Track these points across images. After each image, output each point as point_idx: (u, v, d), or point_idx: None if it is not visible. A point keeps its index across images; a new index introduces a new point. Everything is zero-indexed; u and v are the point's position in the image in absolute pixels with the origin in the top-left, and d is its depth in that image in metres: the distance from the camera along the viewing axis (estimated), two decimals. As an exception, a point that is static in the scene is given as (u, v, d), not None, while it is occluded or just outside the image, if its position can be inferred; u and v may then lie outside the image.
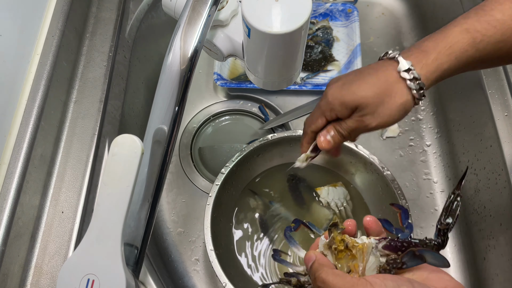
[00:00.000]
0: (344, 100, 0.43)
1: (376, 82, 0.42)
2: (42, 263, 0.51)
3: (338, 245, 0.38)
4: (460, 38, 0.40)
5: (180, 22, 0.39)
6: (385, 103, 0.42)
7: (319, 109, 0.46)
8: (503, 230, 0.59)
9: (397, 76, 0.41)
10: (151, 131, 0.41)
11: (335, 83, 0.45)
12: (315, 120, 0.47)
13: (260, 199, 0.68)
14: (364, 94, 0.42)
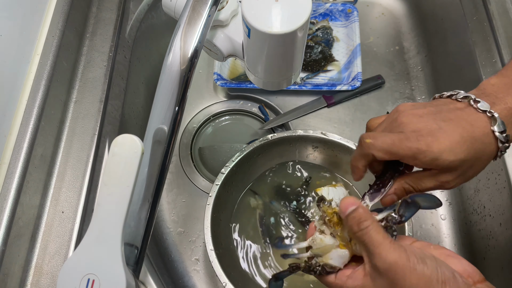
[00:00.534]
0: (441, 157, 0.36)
1: (473, 141, 0.36)
2: (42, 263, 0.51)
3: (330, 217, 0.38)
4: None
5: (180, 22, 0.39)
6: (474, 166, 0.37)
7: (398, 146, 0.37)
8: (503, 230, 0.59)
9: (492, 137, 0.36)
10: (151, 131, 0.41)
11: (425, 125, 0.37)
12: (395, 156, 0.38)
13: (261, 198, 0.68)
14: (463, 156, 0.36)
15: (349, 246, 0.38)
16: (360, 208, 0.36)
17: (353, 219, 0.36)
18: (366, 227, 0.35)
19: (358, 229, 0.35)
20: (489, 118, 0.37)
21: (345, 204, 0.36)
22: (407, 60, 0.85)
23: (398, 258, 0.33)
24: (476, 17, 0.70)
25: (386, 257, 0.33)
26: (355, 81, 0.78)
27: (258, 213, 0.67)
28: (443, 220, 0.71)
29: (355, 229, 0.35)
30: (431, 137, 0.36)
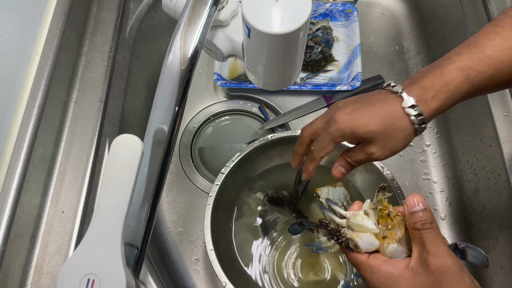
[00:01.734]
0: (355, 130, 0.45)
1: (384, 117, 0.44)
2: (42, 263, 0.51)
3: (383, 209, 0.41)
4: (455, 76, 0.43)
5: (180, 22, 0.39)
6: (391, 138, 0.44)
7: (328, 136, 0.47)
8: (502, 230, 0.59)
9: (402, 112, 0.43)
10: (151, 131, 0.41)
11: (343, 109, 0.46)
12: (326, 146, 0.48)
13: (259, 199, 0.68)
14: (374, 129, 0.44)
15: (382, 241, 0.40)
16: (429, 211, 0.38)
17: (418, 217, 0.38)
18: (430, 228, 0.37)
19: (421, 227, 0.37)
20: (399, 97, 0.44)
21: (413, 201, 0.39)
22: (407, 60, 0.85)
23: (453, 264, 0.36)
24: (476, 17, 0.70)
25: (443, 258, 0.36)
26: (355, 81, 0.78)
27: (258, 213, 0.67)
28: (443, 220, 0.71)
29: (418, 227, 0.38)
30: (348, 116, 0.45)
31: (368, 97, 0.47)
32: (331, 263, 0.63)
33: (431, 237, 0.37)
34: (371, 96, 0.47)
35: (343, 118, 0.45)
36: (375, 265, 0.39)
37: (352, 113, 0.45)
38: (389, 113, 0.44)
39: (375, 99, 0.46)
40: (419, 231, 0.37)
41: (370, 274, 0.39)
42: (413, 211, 0.38)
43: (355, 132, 0.44)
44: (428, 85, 0.43)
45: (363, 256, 0.41)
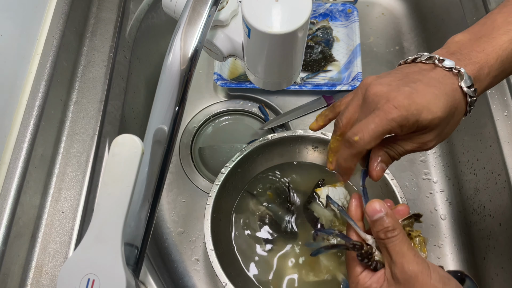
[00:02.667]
0: (420, 118, 0.35)
1: (446, 98, 0.36)
2: (42, 263, 0.51)
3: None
4: (509, 50, 0.37)
5: (180, 22, 0.39)
6: (450, 123, 0.37)
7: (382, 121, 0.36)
8: (502, 230, 0.59)
9: (461, 92, 0.37)
10: (151, 131, 0.41)
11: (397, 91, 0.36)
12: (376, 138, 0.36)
13: (259, 199, 0.68)
14: (441, 114, 0.36)
15: None
16: (388, 217, 0.35)
17: (380, 226, 0.35)
18: (393, 236, 0.35)
19: (384, 236, 0.35)
20: (455, 74, 0.37)
21: (372, 209, 0.36)
22: (407, 60, 0.85)
23: (419, 272, 0.33)
24: (476, 17, 0.70)
25: (407, 268, 0.34)
26: (355, 81, 0.78)
27: (258, 213, 0.67)
28: (443, 220, 0.71)
29: (382, 236, 0.35)
30: (408, 100, 0.35)
31: (416, 74, 0.38)
32: (331, 263, 0.63)
33: (395, 246, 0.35)
34: (420, 73, 0.38)
35: (402, 103, 0.35)
36: (362, 282, 0.37)
37: (411, 96, 0.36)
38: (451, 94, 0.36)
39: (430, 78, 0.37)
40: (383, 240, 0.35)
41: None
42: (374, 219, 0.36)
43: (421, 120, 0.35)
44: (481, 60, 0.37)
45: (358, 270, 0.38)
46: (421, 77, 0.37)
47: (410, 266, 0.34)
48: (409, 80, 0.37)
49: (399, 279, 0.34)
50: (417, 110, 0.35)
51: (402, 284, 0.34)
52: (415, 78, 0.37)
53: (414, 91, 0.36)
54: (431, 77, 0.37)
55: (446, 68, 0.37)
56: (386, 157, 0.39)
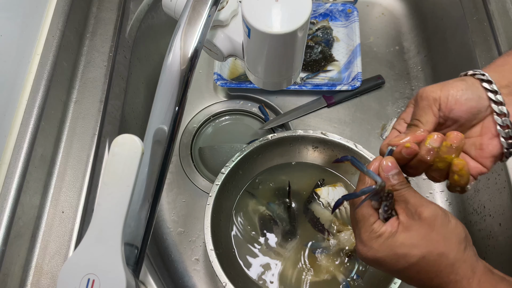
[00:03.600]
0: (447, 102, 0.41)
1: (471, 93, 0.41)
2: (42, 263, 0.51)
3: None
4: None
5: (180, 22, 0.39)
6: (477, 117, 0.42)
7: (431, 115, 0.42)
8: (502, 230, 0.59)
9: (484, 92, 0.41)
10: (151, 131, 0.41)
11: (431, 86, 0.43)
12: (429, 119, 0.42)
13: (259, 199, 0.68)
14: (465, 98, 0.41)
15: None
16: (401, 172, 0.41)
17: (397, 179, 0.40)
18: (408, 186, 0.40)
19: (401, 187, 0.40)
20: (480, 80, 0.41)
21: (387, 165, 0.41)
22: (407, 60, 0.85)
23: (439, 209, 0.38)
24: (476, 17, 0.70)
25: (429, 206, 0.38)
26: (355, 81, 0.78)
27: (258, 213, 0.67)
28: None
29: (398, 187, 0.40)
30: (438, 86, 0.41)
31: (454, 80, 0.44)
32: (331, 264, 0.63)
33: (411, 192, 0.39)
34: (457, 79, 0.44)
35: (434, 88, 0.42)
36: (377, 229, 0.40)
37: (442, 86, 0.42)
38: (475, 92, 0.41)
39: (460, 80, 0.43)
40: (399, 190, 0.40)
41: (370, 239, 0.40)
42: (390, 174, 0.40)
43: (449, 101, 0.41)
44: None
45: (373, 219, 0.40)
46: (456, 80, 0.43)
47: (430, 204, 0.39)
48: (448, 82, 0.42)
49: (422, 215, 0.38)
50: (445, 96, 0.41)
51: (424, 219, 0.38)
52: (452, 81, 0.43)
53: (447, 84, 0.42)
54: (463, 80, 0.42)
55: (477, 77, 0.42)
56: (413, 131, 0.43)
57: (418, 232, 0.38)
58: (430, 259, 0.37)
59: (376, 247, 0.39)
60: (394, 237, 0.38)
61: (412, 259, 0.37)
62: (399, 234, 0.38)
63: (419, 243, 0.37)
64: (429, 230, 0.37)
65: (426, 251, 0.37)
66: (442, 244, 0.37)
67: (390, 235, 0.39)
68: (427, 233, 0.37)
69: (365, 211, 0.41)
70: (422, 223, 0.38)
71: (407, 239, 0.38)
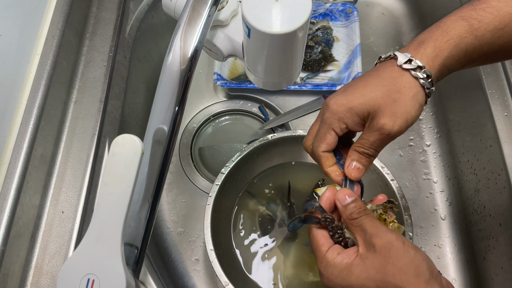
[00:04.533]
0: (352, 105, 0.39)
1: (380, 81, 0.39)
2: (42, 263, 0.51)
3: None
4: (457, 25, 0.39)
5: (180, 22, 0.39)
6: (397, 100, 0.38)
7: (324, 124, 0.41)
8: (502, 230, 0.59)
9: (399, 70, 0.39)
10: (151, 131, 0.41)
11: (334, 93, 0.42)
12: (323, 138, 0.41)
13: (259, 199, 0.68)
14: (373, 94, 0.39)
15: None
16: (359, 200, 0.40)
17: (354, 208, 0.39)
18: (366, 214, 0.39)
19: (358, 215, 0.39)
20: (392, 59, 0.40)
21: (343, 196, 0.40)
22: (407, 60, 0.85)
23: (395, 239, 0.37)
24: (476, 17, 0.70)
25: (384, 235, 0.37)
26: (355, 81, 0.78)
27: (258, 213, 0.67)
28: (443, 220, 0.71)
29: (355, 216, 0.39)
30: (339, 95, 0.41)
31: (363, 75, 0.42)
32: (331, 263, 0.63)
33: (369, 221, 0.38)
34: (366, 73, 0.42)
35: (335, 99, 0.40)
36: (330, 259, 0.39)
37: (344, 91, 0.41)
38: (386, 76, 0.39)
39: (370, 71, 0.41)
40: (357, 219, 0.38)
41: (325, 268, 0.39)
42: (345, 204, 0.40)
43: (353, 107, 0.39)
44: (425, 38, 0.39)
45: (324, 248, 0.40)
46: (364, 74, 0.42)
47: (386, 234, 0.37)
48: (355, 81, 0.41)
49: (375, 246, 0.36)
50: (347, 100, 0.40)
51: (379, 251, 0.36)
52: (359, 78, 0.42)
53: (348, 87, 0.41)
54: (371, 70, 0.41)
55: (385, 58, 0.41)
56: (357, 155, 0.42)
57: (373, 264, 0.36)
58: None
59: (331, 278, 0.38)
60: (349, 269, 0.37)
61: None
62: (355, 267, 0.37)
63: (374, 276, 0.36)
64: (384, 262, 0.36)
65: (382, 283, 0.36)
66: (398, 278, 0.35)
67: (346, 266, 0.37)
68: (382, 265, 0.36)
69: (317, 241, 0.41)
70: (377, 255, 0.36)
71: (363, 272, 0.36)
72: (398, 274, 0.35)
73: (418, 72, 0.39)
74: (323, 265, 0.39)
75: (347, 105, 0.40)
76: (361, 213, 0.39)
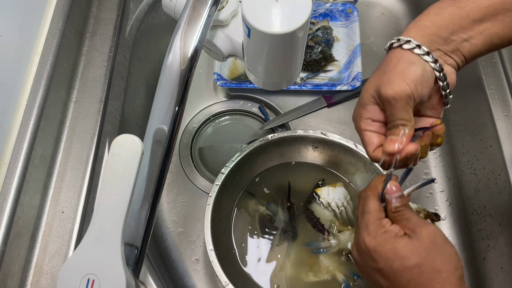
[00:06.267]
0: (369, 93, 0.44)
1: (382, 64, 0.43)
2: (42, 263, 0.51)
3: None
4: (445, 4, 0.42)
5: (180, 22, 0.39)
6: (390, 71, 0.41)
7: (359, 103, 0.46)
8: (503, 230, 0.59)
9: (400, 50, 0.42)
10: (151, 131, 0.41)
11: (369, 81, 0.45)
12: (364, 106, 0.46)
13: (259, 199, 0.68)
14: (374, 76, 0.43)
15: None
16: (403, 195, 0.43)
17: (400, 201, 0.43)
18: (409, 208, 0.43)
19: (404, 208, 0.42)
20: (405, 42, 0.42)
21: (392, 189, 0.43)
22: (407, 60, 0.85)
23: (439, 231, 0.40)
24: (476, 17, 0.70)
25: (429, 226, 0.40)
26: (355, 81, 0.78)
27: (258, 213, 0.67)
28: (443, 220, 0.71)
29: (401, 208, 0.42)
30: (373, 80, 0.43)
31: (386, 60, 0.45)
32: (331, 264, 0.63)
33: (412, 213, 0.42)
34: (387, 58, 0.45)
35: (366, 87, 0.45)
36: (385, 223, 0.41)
37: (370, 77, 0.45)
38: (387, 59, 0.43)
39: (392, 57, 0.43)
40: (402, 211, 0.42)
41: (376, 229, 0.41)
42: (394, 196, 0.43)
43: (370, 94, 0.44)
44: (419, 19, 0.42)
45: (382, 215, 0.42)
46: (386, 60, 0.43)
47: (430, 225, 0.41)
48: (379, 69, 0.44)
49: (421, 234, 0.39)
50: (365, 88, 0.44)
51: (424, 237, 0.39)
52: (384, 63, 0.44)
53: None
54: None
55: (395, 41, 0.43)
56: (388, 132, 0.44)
57: (421, 243, 0.39)
58: (424, 270, 0.38)
59: (380, 240, 0.40)
60: (398, 238, 0.40)
61: (408, 263, 0.38)
62: (403, 238, 0.40)
63: (419, 252, 0.39)
64: (430, 246, 0.39)
65: (424, 261, 0.38)
66: (439, 263, 0.38)
67: (396, 236, 0.40)
68: (428, 247, 0.39)
69: (377, 205, 0.43)
70: (424, 239, 0.39)
71: (409, 244, 0.39)
72: (440, 260, 0.38)
73: (417, 49, 0.41)
74: (375, 226, 0.41)
75: (368, 91, 0.44)
76: (406, 206, 0.42)
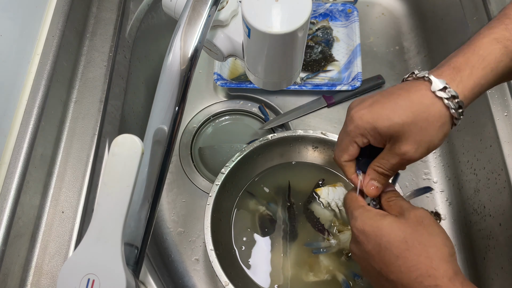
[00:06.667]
0: (377, 125, 0.39)
1: (410, 105, 0.38)
2: (42, 263, 0.51)
3: None
4: (492, 49, 0.38)
5: (180, 22, 0.39)
6: (423, 130, 0.38)
7: (347, 136, 0.42)
8: (502, 230, 0.59)
9: (432, 97, 0.38)
10: (151, 131, 0.41)
11: (360, 104, 0.41)
12: (346, 148, 0.42)
13: (259, 199, 0.68)
14: (400, 120, 0.38)
15: None
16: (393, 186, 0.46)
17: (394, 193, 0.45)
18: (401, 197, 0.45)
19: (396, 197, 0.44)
20: (426, 81, 0.38)
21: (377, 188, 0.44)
22: (407, 60, 0.85)
23: (428, 214, 0.40)
24: (476, 17, 0.70)
25: (419, 210, 0.40)
26: (355, 81, 0.78)
27: (258, 213, 0.67)
28: (443, 220, 0.71)
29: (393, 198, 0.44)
30: (365, 110, 0.40)
31: (390, 89, 0.41)
32: (331, 264, 0.63)
33: (404, 201, 0.43)
34: (394, 87, 0.41)
35: (361, 113, 0.40)
36: (367, 207, 0.42)
37: (371, 106, 0.40)
38: (416, 100, 0.38)
39: (397, 89, 0.40)
40: (395, 200, 0.43)
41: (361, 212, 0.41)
42: (387, 190, 0.45)
43: (378, 127, 0.39)
44: (461, 63, 0.38)
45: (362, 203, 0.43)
46: (390, 90, 0.40)
47: (419, 209, 0.40)
48: (380, 94, 0.41)
49: (410, 215, 0.39)
50: (372, 118, 0.39)
51: (412, 218, 0.39)
52: (385, 92, 0.41)
53: (375, 102, 0.40)
54: (400, 87, 0.40)
55: (418, 77, 0.40)
56: (375, 174, 0.43)
57: (406, 221, 0.39)
58: (410, 245, 0.37)
59: (365, 219, 0.40)
60: (384, 217, 0.40)
61: (394, 238, 0.38)
62: (389, 217, 0.40)
63: (405, 228, 0.38)
64: (416, 223, 0.39)
65: (410, 236, 0.38)
66: (426, 237, 0.38)
67: (381, 215, 0.41)
68: (414, 224, 0.39)
69: (355, 195, 0.44)
70: (411, 218, 0.39)
71: (395, 222, 0.39)
72: (426, 235, 0.38)
73: (451, 101, 0.38)
74: (360, 210, 0.42)
75: (372, 124, 0.39)
76: (398, 196, 0.43)
